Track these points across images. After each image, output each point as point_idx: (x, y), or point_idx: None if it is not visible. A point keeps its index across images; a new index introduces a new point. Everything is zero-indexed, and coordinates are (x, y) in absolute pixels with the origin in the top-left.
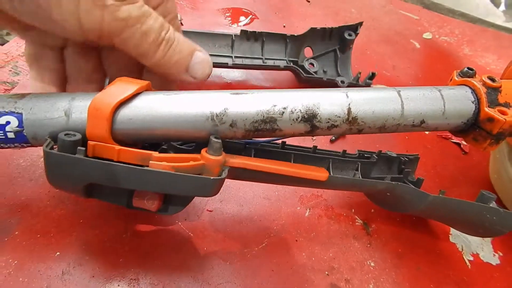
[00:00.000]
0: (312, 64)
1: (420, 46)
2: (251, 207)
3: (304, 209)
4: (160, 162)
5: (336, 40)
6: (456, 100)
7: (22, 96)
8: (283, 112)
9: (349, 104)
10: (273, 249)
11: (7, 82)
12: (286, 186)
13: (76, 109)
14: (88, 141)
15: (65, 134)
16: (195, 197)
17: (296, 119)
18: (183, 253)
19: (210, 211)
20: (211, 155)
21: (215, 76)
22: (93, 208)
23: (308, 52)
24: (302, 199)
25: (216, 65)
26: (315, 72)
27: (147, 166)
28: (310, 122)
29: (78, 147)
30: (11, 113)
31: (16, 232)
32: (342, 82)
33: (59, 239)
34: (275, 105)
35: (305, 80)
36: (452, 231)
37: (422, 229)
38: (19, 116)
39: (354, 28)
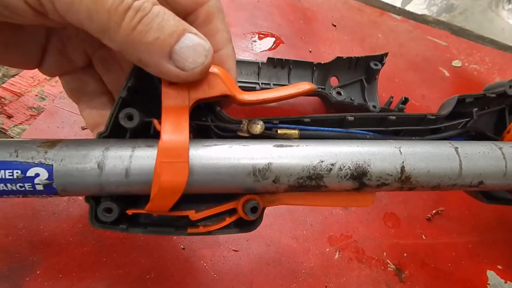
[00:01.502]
0: (339, 93)
1: (449, 75)
2: (278, 247)
3: (334, 250)
4: (196, 228)
5: (362, 70)
6: None
7: (53, 144)
8: (331, 169)
9: (403, 162)
10: None
11: (33, 108)
12: (314, 225)
13: (110, 160)
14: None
15: (103, 210)
16: (221, 236)
17: (344, 177)
18: None
19: (236, 250)
20: (247, 216)
21: None
22: (117, 246)
23: (333, 81)
24: (331, 239)
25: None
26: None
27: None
28: (359, 180)
29: (121, 225)
30: (40, 164)
31: (38, 271)
32: (374, 107)
33: (82, 279)
34: (322, 161)
35: (334, 106)
36: (490, 280)
37: (458, 278)
38: (49, 168)
39: (380, 59)
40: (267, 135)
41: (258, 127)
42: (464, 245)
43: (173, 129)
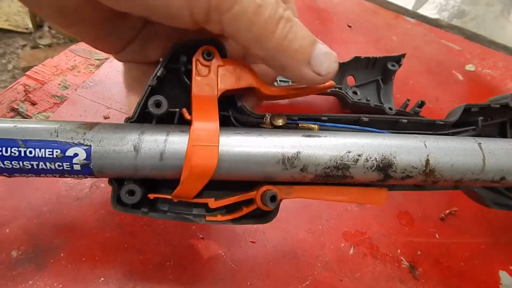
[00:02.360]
0: (356, 93)
1: (463, 79)
2: (294, 241)
3: (349, 246)
4: (214, 217)
5: (378, 70)
6: None
7: (91, 126)
8: (358, 160)
9: (428, 155)
10: None
11: (56, 96)
12: (329, 220)
13: (146, 144)
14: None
15: (127, 192)
16: (238, 227)
17: (371, 168)
18: (226, 287)
19: (253, 242)
20: (265, 205)
21: None
22: (137, 233)
23: (350, 80)
24: (346, 235)
25: None
26: (359, 100)
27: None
28: (385, 172)
29: (142, 209)
30: (79, 144)
31: (62, 254)
32: (390, 109)
33: (104, 263)
34: (349, 152)
35: (351, 106)
36: (503, 280)
37: (470, 277)
38: (87, 149)
39: (397, 60)
40: (289, 127)
41: (281, 120)
42: (477, 246)
43: (203, 116)
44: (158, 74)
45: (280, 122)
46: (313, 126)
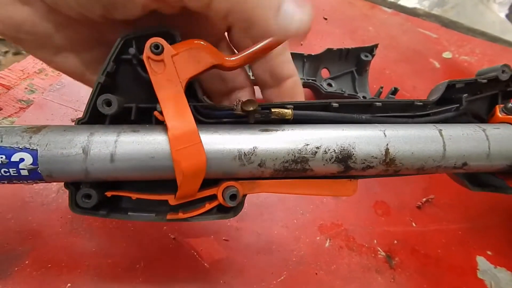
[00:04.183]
0: (330, 85)
1: (440, 66)
2: (269, 236)
3: (324, 239)
4: (175, 214)
5: (352, 61)
6: (502, 141)
7: (38, 129)
8: (316, 152)
9: (387, 144)
10: (292, 283)
11: (23, 101)
12: (305, 214)
13: (95, 145)
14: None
15: (82, 196)
16: (211, 226)
17: (330, 160)
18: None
19: (227, 240)
20: (226, 203)
21: None
22: (106, 236)
23: (324, 73)
24: (322, 228)
25: None
26: (333, 91)
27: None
28: (344, 163)
29: (101, 211)
30: (25, 149)
31: (27, 261)
32: (364, 97)
33: (71, 269)
34: (307, 144)
35: (324, 97)
36: (480, 266)
37: (447, 264)
38: (33, 153)
39: (370, 50)
40: (262, 114)
41: (251, 106)
42: (454, 232)
43: (176, 114)
44: (107, 70)
45: (250, 107)
46: (287, 111)
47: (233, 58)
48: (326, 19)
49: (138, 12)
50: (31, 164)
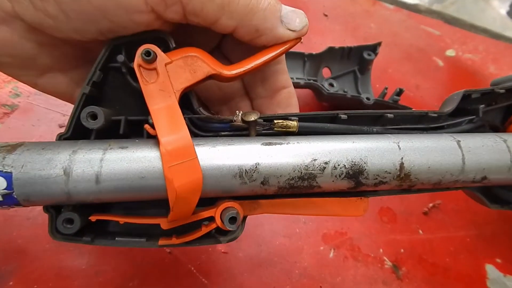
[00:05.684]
0: (332, 85)
1: (443, 64)
2: (270, 247)
3: (328, 249)
4: (168, 239)
5: (355, 60)
6: None
7: (13, 148)
8: (325, 168)
9: (402, 158)
10: None
11: (7, 105)
12: (308, 223)
13: (78, 165)
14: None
15: (63, 221)
16: None
17: (339, 176)
18: None
19: (225, 252)
20: (225, 226)
21: None
22: (97, 251)
23: (326, 72)
24: (325, 237)
25: None
26: (335, 92)
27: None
28: (355, 179)
29: (85, 237)
30: None
31: (11, 282)
32: (368, 99)
33: None
34: (315, 159)
35: (326, 98)
36: (489, 274)
37: (456, 272)
38: (7, 176)
39: (373, 48)
40: (264, 126)
41: (253, 116)
42: (462, 239)
43: (169, 128)
44: (93, 79)
45: (252, 117)
46: (291, 123)
47: (234, 72)
48: (326, 15)
49: (138, 31)
50: (4, 189)
